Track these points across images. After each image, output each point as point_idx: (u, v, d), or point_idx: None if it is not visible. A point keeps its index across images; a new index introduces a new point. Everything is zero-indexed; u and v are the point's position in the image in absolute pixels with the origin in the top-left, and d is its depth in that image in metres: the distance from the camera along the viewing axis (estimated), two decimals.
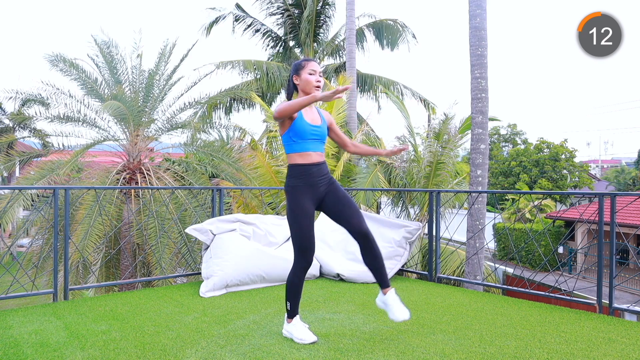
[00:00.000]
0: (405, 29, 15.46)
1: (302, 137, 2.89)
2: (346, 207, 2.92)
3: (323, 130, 2.98)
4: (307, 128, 2.89)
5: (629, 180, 32.01)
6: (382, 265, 2.90)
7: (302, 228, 2.83)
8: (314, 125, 2.93)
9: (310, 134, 2.91)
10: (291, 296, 2.90)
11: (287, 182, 2.93)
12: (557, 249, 19.24)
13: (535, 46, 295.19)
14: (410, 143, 11.53)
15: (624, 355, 2.70)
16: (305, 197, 2.86)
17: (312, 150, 2.91)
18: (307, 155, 2.90)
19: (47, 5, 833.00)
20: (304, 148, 2.90)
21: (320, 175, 2.92)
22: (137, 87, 8.95)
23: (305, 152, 2.90)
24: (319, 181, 2.90)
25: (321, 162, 2.95)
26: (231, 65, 15.00)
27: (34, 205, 7.86)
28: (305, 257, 2.83)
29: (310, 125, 2.91)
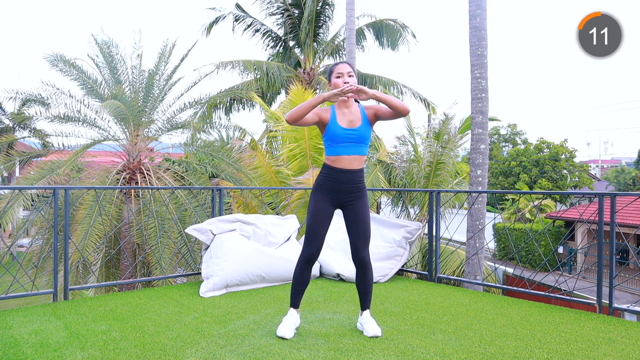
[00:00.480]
0: (405, 29, 15.46)
1: (336, 140, 2.93)
2: (357, 229, 2.99)
3: (361, 133, 2.93)
4: (340, 132, 2.92)
5: (629, 180, 32.01)
6: (368, 292, 3.07)
7: (312, 220, 2.95)
8: (349, 129, 2.92)
9: (344, 138, 2.92)
10: (292, 285, 3.05)
11: (316, 179, 3.04)
12: (557, 249, 19.24)
13: (535, 46, 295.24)
14: (410, 143, 11.54)
15: (624, 355, 2.70)
16: (325, 197, 2.98)
17: (346, 154, 2.93)
18: (339, 159, 2.94)
19: (47, 5, 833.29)
20: (336, 152, 2.94)
21: (348, 182, 2.95)
22: (137, 87, 8.95)
23: (337, 156, 2.95)
24: (342, 187, 2.95)
25: (353, 169, 2.94)
26: (231, 65, 15.00)
27: (34, 205, 7.86)
28: (308, 247, 2.95)
29: (343, 129, 2.92)
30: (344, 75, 2.95)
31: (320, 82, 14.61)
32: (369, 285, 3.05)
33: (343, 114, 2.96)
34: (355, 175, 2.96)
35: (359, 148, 2.94)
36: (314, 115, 2.92)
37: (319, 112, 2.96)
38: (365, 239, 3.00)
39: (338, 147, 2.93)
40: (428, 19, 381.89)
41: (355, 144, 2.93)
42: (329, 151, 2.97)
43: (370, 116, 2.99)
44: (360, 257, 2.99)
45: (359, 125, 2.94)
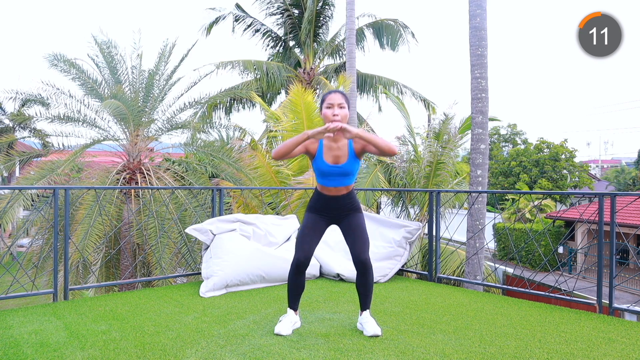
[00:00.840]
0: (405, 29, 15.45)
1: (321, 174, 3.02)
2: (354, 235, 3.04)
3: (346, 169, 2.98)
4: (325, 169, 2.99)
5: (629, 180, 32.01)
6: (369, 293, 3.09)
7: (304, 229, 3.08)
8: (334, 166, 2.97)
9: (329, 173, 2.99)
10: (288, 290, 3.10)
11: (309, 201, 3.16)
12: (557, 249, 19.24)
13: (535, 46, 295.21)
14: (410, 143, 11.54)
15: (624, 355, 2.70)
16: (316, 215, 3.10)
17: (332, 185, 3.03)
18: (326, 189, 3.05)
19: (47, 5, 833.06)
20: (323, 183, 3.05)
21: (337, 206, 3.06)
22: (137, 87, 8.95)
23: (324, 186, 3.05)
24: (335, 212, 3.07)
25: (339, 195, 3.04)
26: (231, 65, 15.00)
27: (34, 205, 7.86)
28: (297, 254, 3.02)
29: (328, 166, 2.97)
30: (334, 107, 2.93)
31: (320, 82, 14.61)
32: (370, 287, 3.07)
33: (330, 149, 2.98)
34: (344, 198, 3.07)
35: (345, 180, 3.02)
36: (301, 147, 2.97)
37: (306, 144, 2.99)
38: (364, 243, 3.02)
39: (324, 179, 3.03)
40: (428, 19, 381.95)
41: (341, 177, 3.00)
42: (317, 179, 3.09)
43: (357, 150, 2.99)
44: (361, 259, 3.01)
45: (344, 161, 2.97)
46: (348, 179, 3.02)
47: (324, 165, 2.97)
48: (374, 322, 3.05)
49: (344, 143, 2.99)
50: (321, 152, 2.99)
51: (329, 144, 2.99)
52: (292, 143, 2.87)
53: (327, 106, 2.96)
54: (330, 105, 2.95)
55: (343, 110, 2.94)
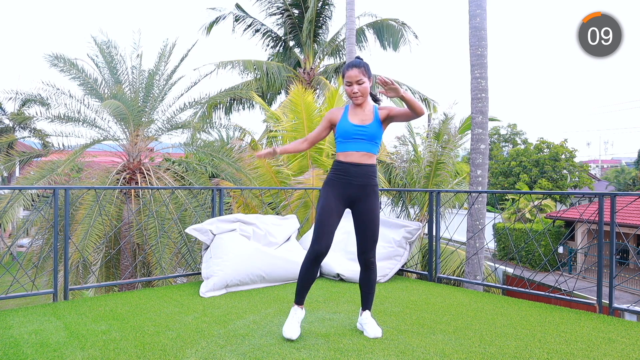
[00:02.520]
0: (406, 29, 15.43)
1: (346, 137, 2.97)
2: (366, 230, 2.99)
3: (371, 131, 2.94)
4: (349, 128, 2.96)
5: (629, 180, 32.01)
6: (371, 293, 3.06)
7: (322, 215, 2.91)
8: (359, 126, 2.95)
9: (354, 134, 2.95)
10: (298, 282, 2.98)
11: (327, 175, 3.05)
12: (557, 249, 19.23)
13: (535, 46, 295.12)
14: (410, 143, 11.53)
15: (624, 355, 2.70)
16: (335, 191, 2.96)
17: (355, 150, 2.95)
18: (349, 154, 2.97)
19: (47, 5, 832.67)
20: (346, 148, 2.97)
21: (358, 175, 2.95)
22: (137, 87, 8.94)
23: (347, 152, 2.97)
24: (353, 180, 2.94)
25: (363, 163, 2.95)
26: (231, 65, 15.00)
27: (34, 205, 7.86)
28: (317, 243, 2.87)
29: (353, 125, 2.96)
30: (353, 84, 2.95)
31: (320, 82, 14.61)
32: (372, 286, 3.05)
33: (355, 113, 3.00)
34: (367, 169, 2.96)
35: (369, 145, 2.95)
36: (325, 121, 3.03)
37: (329, 116, 3.05)
38: (374, 241, 3.00)
39: (348, 143, 2.95)
40: (428, 19, 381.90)
41: (366, 141, 2.94)
42: (339, 147, 3.00)
43: (382, 116, 2.98)
44: (366, 257, 2.99)
45: (369, 122, 2.96)
46: (372, 145, 2.96)
47: (348, 124, 2.95)
48: (375, 323, 3.04)
49: (369, 108, 3.01)
50: (346, 115, 3.00)
51: (354, 110, 3.01)
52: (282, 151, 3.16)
53: (346, 84, 2.96)
54: (349, 82, 2.95)
55: (362, 86, 2.94)
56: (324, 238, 2.87)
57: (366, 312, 3.08)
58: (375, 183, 3.00)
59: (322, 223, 2.89)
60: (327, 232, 2.88)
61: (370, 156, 2.97)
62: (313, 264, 2.89)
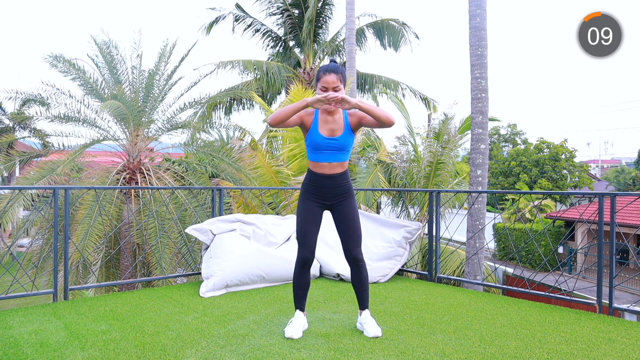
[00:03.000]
0: (407, 29, 15.43)
1: (316, 148, 2.94)
2: (347, 229, 2.99)
3: (342, 142, 2.92)
4: (320, 140, 2.92)
5: (629, 180, 32.02)
6: (365, 290, 3.07)
7: (301, 223, 2.99)
8: (329, 138, 2.92)
9: (324, 146, 2.92)
10: (293, 289, 3.06)
11: (302, 184, 3.06)
12: (557, 249, 19.24)
13: (535, 46, 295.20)
14: (410, 143, 11.53)
15: (624, 355, 2.70)
16: (311, 200, 3.00)
17: (326, 161, 2.95)
18: (320, 165, 2.97)
19: (47, 5, 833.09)
20: (316, 158, 2.97)
21: (331, 186, 2.97)
22: (137, 87, 8.95)
23: (317, 163, 2.97)
24: (327, 192, 2.98)
25: (334, 173, 2.96)
26: (231, 65, 15.00)
27: (34, 205, 7.86)
28: (301, 251, 2.96)
29: (324, 138, 2.92)
30: (329, 90, 2.85)
31: None
32: (365, 283, 3.05)
33: (325, 122, 2.93)
34: (339, 178, 2.98)
35: (340, 155, 2.96)
36: (297, 117, 2.93)
37: (302, 114, 2.95)
38: (357, 238, 2.99)
39: (318, 154, 2.95)
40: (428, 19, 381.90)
41: (336, 151, 2.94)
42: (310, 156, 3.00)
43: (353, 124, 2.95)
44: (352, 255, 2.99)
45: (340, 134, 2.93)
46: (342, 154, 2.95)
47: (318, 137, 2.91)
48: (374, 322, 3.04)
49: (339, 116, 2.96)
50: (316, 124, 2.93)
51: (324, 116, 2.95)
52: (290, 109, 2.80)
53: (321, 88, 2.88)
54: (325, 88, 2.87)
55: (338, 93, 2.86)
56: (307, 244, 2.96)
57: (365, 312, 3.07)
58: (348, 187, 3.02)
59: (303, 231, 2.97)
60: (309, 238, 2.96)
61: (342, 165, 2.98)
62: (302, 270, 2.98)
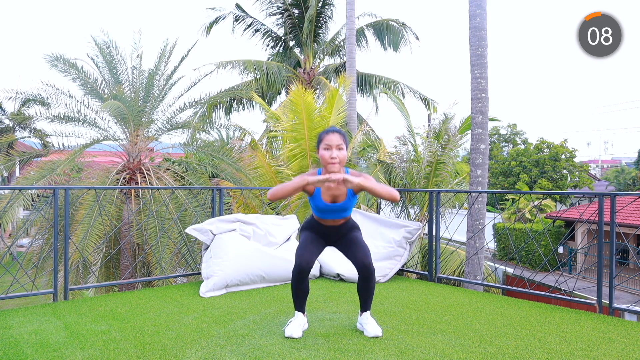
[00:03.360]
0: (407, 29, 15.43)
1: (318, 210, 3.00)
2: (355, 247, 3.00)
3: (345, 206, 2.96)
4: (322, 206, 2.96)
5: (629, 180, 32.02)
6: (369, 295, 3.05)
7: (305, 240, 3.04)
8: (332, 205, 2.94)
9: (327, 210, 2.96)
10: (292, 295, 3.08)
11: (305, 221, 3.15)
12: (557, 249, 19.24)
13: (535, 46, 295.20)
14: (410, 143, 11.53)
15: (624, 355, 2.70)
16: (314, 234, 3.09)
17: (329, 218, 3.01)
18: (324, 220, 3.04)
19: (47, 5, 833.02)
20: (320, 216, 3.04)
21: (336, 233, 3.06)
22: (137, 87, 8.94)
23: (320, 218, 3.04)
24: (331, 237, 3.08)
25: (336, 225, 3.03)
26: (231, 65, 15.00)
27: (34, 205, 7.86)
28: (297, 260, 2.95)
29: (326, 204, 2.94)
30: (332, 149, 2.80)
31: (320, 82, 14.61)
32: (371, 292, 3.03)
33: (328, 189, 2.91)
34: (342, 227, 3.06)
35: (342, 214, 3.00)
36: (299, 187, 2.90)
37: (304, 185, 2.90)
38: (365, 251, 2.97)
39: (321, 214, 3.01)
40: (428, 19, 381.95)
41: (339, 212, 2.98)
42: (314, 211, 3.05)
43: (356, 190, 2.95)
44: (365, 263, 2.92)
45: (343, 200, 2.94)
46: (345, 212, 3.00)
47: (321, 203, 2.94)
48: (375, 322, 3.04)
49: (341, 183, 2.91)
50: (319, 191, 2.92)
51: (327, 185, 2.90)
52: (292, 187, 2.80)
53: (324, 147, 2.83)
54: (328, 146, 2.81)
55: (341, 152, 2.81)
56: (304, 256, 2.94)
57: (366, 313, 3.08)
58: (353, 227, 3.08)
59: (304, 246, 2.99)
60: (307, 252, 2.97)
61: (345, 219, 3.05)
62: (298, 279, 2.97)
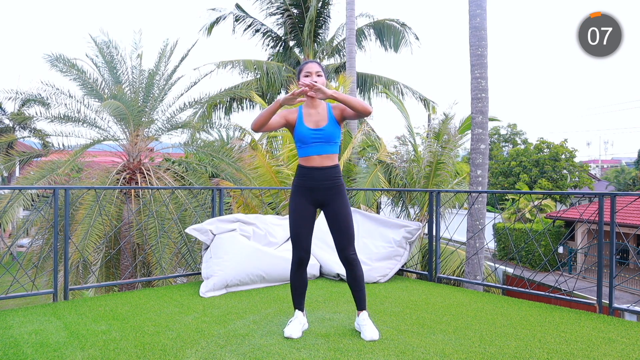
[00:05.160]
0: (407, 30, 15.43)
1: (304, 142, 2.97)
2: (340, 228, 2.97)
3: (327, 132, 2.95)
4: (307, 133, 2.95)
5: (629, 180, 32.02)
6: (360, 289, 3.02)
7: (294, 222, 3.01)
8: (315, 129, 2.95)
9: (312, 139, 2.95)
10: (291, 290, 3.10)
11: (293, 181, 3.08)
12: (557, 249, 19.24)
13: (535, 46, 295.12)
14: (410, 143, 11.53)
15: (624, 355, 2.70)
16: (302, 197, 3.01)
17: (315, 154, 2.96)
18: (310, 159, 2.98)
19: (47, 5, 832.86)
20: (306, 152, 2.98)
21: (322, 179, 2.96)
22: (137, 87, 8.95)
23: (308, 157, 2.98)
24: (319, 185, 2.97)
25: (325, 166, 2.97)
26: (231, 65, 15.01)
27: (34, 205, 7.86)
28: (295, 251, 2.98)
29: (309, 130, 2.95)
30: (312, 75, 2.96)
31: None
32: (360, 282, 3.00)
33: (309, 115, 2.99)
34: (330, 171, 2.98)
35: (328, 147, 2.97)
36: (280, 118, 2.96)
37: (285, 114, 3.01)
38: (349, 237, 2.96)
39: (307, 147, 2.97)
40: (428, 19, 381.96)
41: (324, 143, 2.96)
42: (300, 152, 3.02)
43: (337, 116, 2.99)
44: (345, 255, 2.96)
45: (324, 124, 2.96)
46: (331, 146, 2.97)
47: (304, 129, 2.95)
48: (372, 325, 2.99)
49: (322, 107, 3.01)
50: (301, 118, 2.98)
51: (308, 110, 3.00)
52: (268, 112, 2.83)
53: (304, 74, 2.98)
54: (309, 73, 2.97)
55: (321, 78, 2.97)
56: (301, 244, 2.97)
57: (363, 313, 3.03)
58: (340, 183, 3.02)
59: (296, 230, 2.99)
60: (302, 238, 2.98)
61: (331, 157, 2.99)
62: (298, 270, 3.00)
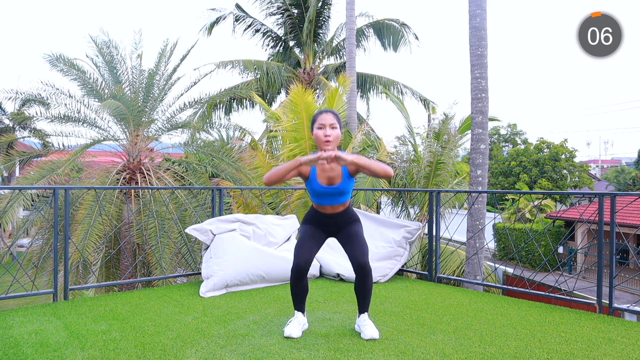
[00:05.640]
0: (407, 29, 15.43)
1: (316, 195, 2.99)
2: (353, 243, 2.99)
3: (341, 189, 2.94)
4: (319, 189, 2.96)
5: (629, 180, 32.02)
6: (367, 297, 3.02)
7: (303, 236, 3.04)
8: (328, 187, 2.94)
9: (324, 194, 2.96)
10: (291, 294, 3.08)
11: (306, 215, 3.14)
12: (557, 249, 19.23)
13: (535, 46, 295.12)
14: (410, 143, 11.53)
15: (624, 355, 2.70)
16: (314, 227, 3.08)
17: (327, 204, 3.00)
18: (322, 207, 3.03)
19: (47, 5, 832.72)
20: (318, 202, 3.03)
21: (335, 224, 3.04)
22: (137, 87, 8.95)
23: (319, 205, 3.03)
24: (332, 228, 3.06)
25: (336, 213, 3.02)
26: (231, 65, 15.00)
27: (34, 205, 7.86)
28: (295, 259, 2.96)
29: (322, 187, 2.94)
30: (325, 127, 2.85)
31: (320, 82, 14.61)
32: (369, 292, 3.00)
33: (323, 171, 2.93)
34: (342, 215, 3.04)
35: (340, 199, 2.99)
36: (294, 171, 2.91)
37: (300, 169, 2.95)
38: (362, 249, 2.95)
39: (319, 199, 3.00)
40: (428, 19, 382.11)
41: (336, 196, 2.97)
42: (312, 199, 3.06)
43: (351, 171, 2.93)
44: (360, 263, 2.90)
45: (338, 182, 2.93)
46: (343, 197, 2.99)
47: (318, 186, 2.94)
48: (372, 324, 3.00)
49: (337, 165, 2.92)
50: (314, 173, 2.94)
51: (322, 166, 2.94)
52: (285, 169, 2.80)
53: (318, 126, 2.88)
54: (322, 125, 2.86)
55: (335, 131, 2.86)
56: (302, 254, 2.94)
57: (363, 315, 3.04)
58: (353, 219, 3.06)
59: (301, 244, 2.99)
60: (305, 250, 2.96)
61: (344, 205, 3.03)
62: (297, 279, 2.97)
